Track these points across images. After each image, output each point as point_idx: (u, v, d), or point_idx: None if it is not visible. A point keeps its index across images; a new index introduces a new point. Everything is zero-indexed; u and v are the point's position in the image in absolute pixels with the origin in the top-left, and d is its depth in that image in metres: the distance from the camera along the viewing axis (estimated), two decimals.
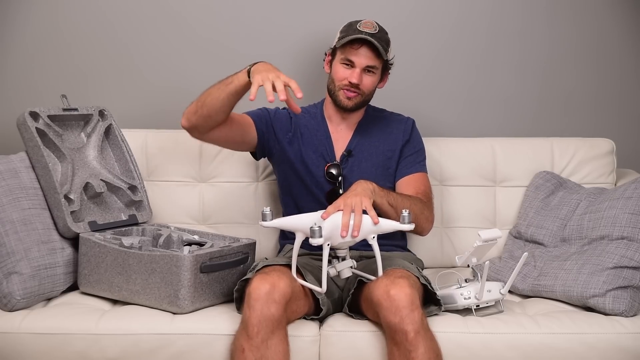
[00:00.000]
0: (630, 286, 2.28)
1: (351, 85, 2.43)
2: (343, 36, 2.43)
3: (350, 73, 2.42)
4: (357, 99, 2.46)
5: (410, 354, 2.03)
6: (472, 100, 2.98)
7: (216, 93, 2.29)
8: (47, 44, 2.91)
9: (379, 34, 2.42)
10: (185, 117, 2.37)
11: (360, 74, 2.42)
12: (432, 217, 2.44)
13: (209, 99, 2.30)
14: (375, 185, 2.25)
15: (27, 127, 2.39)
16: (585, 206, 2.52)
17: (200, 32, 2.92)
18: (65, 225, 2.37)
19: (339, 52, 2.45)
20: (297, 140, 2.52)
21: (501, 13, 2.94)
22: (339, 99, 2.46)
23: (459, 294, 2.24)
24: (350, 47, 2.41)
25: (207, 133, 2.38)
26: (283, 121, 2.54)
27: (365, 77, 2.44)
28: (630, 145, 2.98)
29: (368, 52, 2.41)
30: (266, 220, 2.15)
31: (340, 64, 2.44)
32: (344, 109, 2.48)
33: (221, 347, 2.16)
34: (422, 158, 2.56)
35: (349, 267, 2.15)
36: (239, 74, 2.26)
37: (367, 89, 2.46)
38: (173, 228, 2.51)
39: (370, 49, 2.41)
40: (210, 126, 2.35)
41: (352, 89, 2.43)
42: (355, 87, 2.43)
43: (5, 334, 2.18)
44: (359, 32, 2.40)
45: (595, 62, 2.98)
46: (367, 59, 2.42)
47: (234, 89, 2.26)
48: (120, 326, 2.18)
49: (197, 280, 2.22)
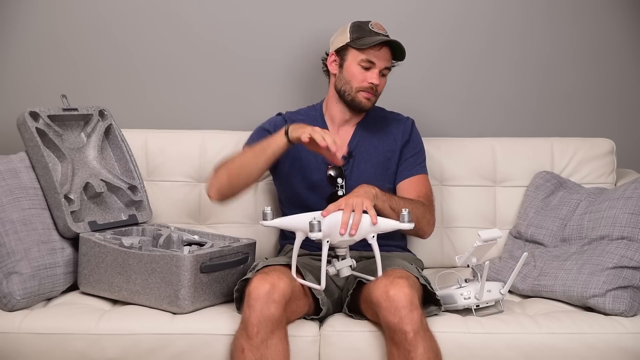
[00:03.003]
0: (630, 286, 2.28)
1: (371, 87, 2.44)
2: (358, 36, 2.42)
3: (369, 74, 2.43)
4: (374, 99, 2.48)
5: (409, 354, 2.03)
6: (472, 100, 2.98)
7: (253, 162, 2.31)
8: (47, 44, 2.91)
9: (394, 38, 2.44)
10: (217, 191, 2.37)
11: (379, 74, 2.44)
12: (433, 220, 2.44)
13: (244, 170, 2.32)
14: (378, 190, 2.25)
15: (27, 127, 2.39)
16: (585, 206, 2.52)
17: (199, 33, 2.92)
18: (65, 225, 2.37)
19: (355, 52, 2.43)
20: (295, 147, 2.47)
21: (501, 13, 2.94)
22: (357, 100, 2.45)
23: (459, 294, 2.24)
24: (370, 49, 2.42)
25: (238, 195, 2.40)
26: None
27: (381, 79, 2.46)
28: (630, 145, 2.98)
29: (387, 54, 2.44)
30: (266, 220, 2.15)
31: (358, 65, 2.43)
32: (362, 110, 2.49)
33: (221, 347, 2.16)
34: (422, 159, 2.56)
35: (349, 266, 2.15)
36: (275, 137, 2.28)
37: (381, 90, 2.49)
38: (173, 228, 2.51)
39: (389, 50, 2.44)
40: (244, 191, 2.39)
41: (371, 90, 2.44)
42: (375, 88, 2.44)
43: (5, 334, 2.18)
44: (376, 34, 2.42)
45: (595, 62, 2.98)
46: (386, 60, 2.44)
47: (272, 154, 2.28)
48: (120, 326, 2.18)
49: (197, 280, 2.22)
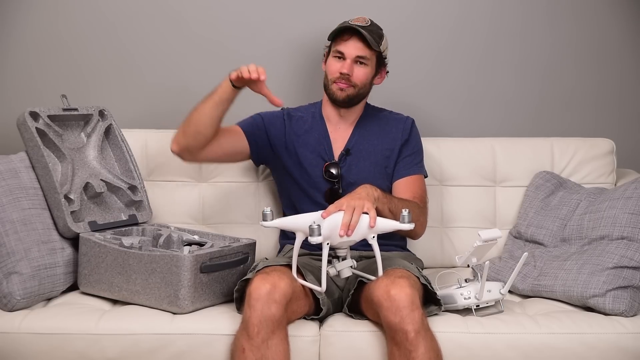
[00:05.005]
0: (630, 286, 2.28)
1: (342, 76, 2.43)
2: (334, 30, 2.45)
3: (341, 65, 2.44)
4: (350, 90, 2.46)
5: (410, 354, 2.03)
6: (472, 100, 2.98)
7: (202, 106, 2.34)
8: (47, 44, 2.91)
9: (370, 27, 2.45)
10: (175, 142, 2.40)
11: (351, 64, 2.43)
12: (426, 222, 2.47)
13: (195, 115, 2.34)
14: (380, 192, 2.25)
15: (27, 127, 2.39)
16: (585, 206, 2.52)
17: (199, 31, 2.92)
18: (65, 225, 2.37)
19: (332, 47, 2.47)
20: (292, 142, 2.52)
21: (501, 13, 2.94)
22: (331, 92, 2.47)
23: (459, 294, 2.24)
24: (339, 39, 2.44)
25: (198, 152, 2.39)
26: (278, 125, 2.54)
27: (357, 69, 2.44)
28: (630, 145, 2.98)
29: (357, 43, 2.43)
30: (266, 220, 2.15)
31: (332, 57, 2.46)
32: (336, 101, 2.48)
33: (221, 347, 2.16)
34: (420, 159, 2.56)
35: (349, 266, 2.15)
36: (221, 83, 2.31)
37: (359, 80, 2.46)
38: (173, 228, 2.51)
39: (359, 39, 2.43)
40: (201, 144, 2.37)
41: (344, 80, 2.44)
42: (346, 78, 2.44)
43: (5, 334, 2.18)
44: (347, 24, 2.43)
45: (596, 62, 2.98)
46: (356, 49, 2.43)
47: (219, 98, 2.31)
48: (120, 326, 2.18)
49: (197, 280, 2.22)
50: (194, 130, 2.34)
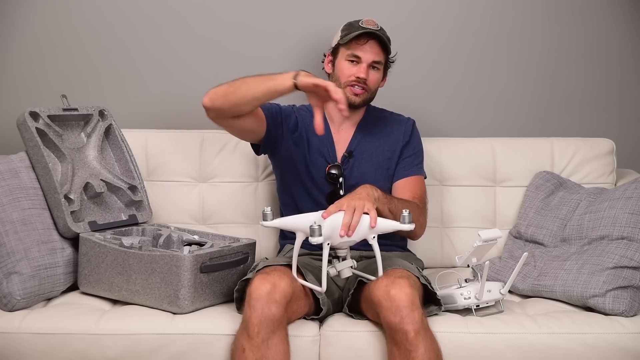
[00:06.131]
0: (630, 286, 2.28)
1: (358, 81, 2.43)
2: (346, 34, 2.43)
3: (357, 69, 2.42)
4: (364, 95, 2.46)
5: (410, 354, 2.03)
6: (472, 100, 2.98)
7: (254, 85, 2.25)
8: (47, 44, 2.91)
9: (381, 31, 2.44)
10: (210, 97, 2.28)
11: (367, 69, 2.42)
12: (425, 223, 2.46)
13: (243, 87, 2.26)
14: (380, 192, 2.24)
15: (27, 127, 2.39)
16: (585, 206, 2.52)
17: (200, 32, 2.92)
18: (65, 225, 2.37)
19: (343, 49, 2.45)
20: (302, 140, 2.51)
21: (501, 13, 2.94)
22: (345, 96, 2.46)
23: (459, 294, 2.24)
24: (355, 43, 2.42)
25: (225, 119, 2.33)
26: (292, 120, 2.53)
27: (371, 73, 2.45)
28: (630, 145, 2.98)
29: (374, 47, 2.43)
30: (267, 220, 2.15)
31: (345, 60, 2.44)
32: (350, 106, 2.46)
33: (221, 347, 2.16)
34: (420, 160, 2.56)
35: (349, 267, 2.15)
36: (284, 75, 2.22)
37: (373, 85, 2.46)
38: (173, 228, 2.51)
39: (376, 43, 2.43)
40: (233, 114, 2.31)
41: (360, 84, 2.43)
42: (362, 83, 2.43)
43: (5, 334, 2.18)
44: (363, 28, 2.41)
45: (596, 62, 2.98)
46: (373, 54, 2.43)
47: (274, 88, 2.23)
48: (120, 326, 2.18)
49: (197, 280, 2.22)
50: (235, 101, 2.27)
